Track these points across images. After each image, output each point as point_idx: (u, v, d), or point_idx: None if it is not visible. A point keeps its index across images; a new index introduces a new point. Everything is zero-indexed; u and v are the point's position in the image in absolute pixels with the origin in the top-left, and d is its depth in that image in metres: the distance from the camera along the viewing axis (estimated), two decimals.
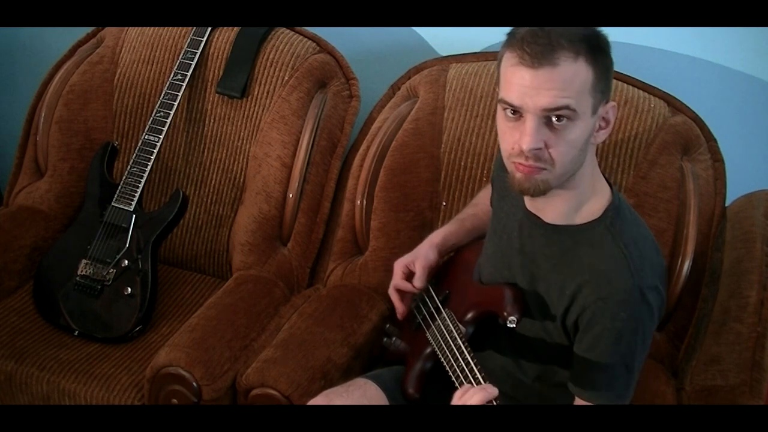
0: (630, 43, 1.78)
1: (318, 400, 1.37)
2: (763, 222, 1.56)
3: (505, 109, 1.15)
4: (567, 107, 1.11)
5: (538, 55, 1.09)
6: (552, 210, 1.24)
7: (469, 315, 1.35)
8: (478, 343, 1.34)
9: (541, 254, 1.27)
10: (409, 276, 1.46)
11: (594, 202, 1.23)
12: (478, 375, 1.22)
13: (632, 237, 1.22)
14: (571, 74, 1.10)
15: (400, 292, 1.47)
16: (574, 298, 1.22)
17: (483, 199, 1.54)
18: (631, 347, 1.20)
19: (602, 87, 1.14)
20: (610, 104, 1.18)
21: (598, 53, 1.13)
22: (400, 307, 1.47)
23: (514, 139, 1.14)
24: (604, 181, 1.25)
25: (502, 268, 1.34)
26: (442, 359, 1.32)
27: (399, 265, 1.47)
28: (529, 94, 1.11)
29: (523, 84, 1.11)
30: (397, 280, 1.46)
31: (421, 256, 1.46)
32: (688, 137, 1.65)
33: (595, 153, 1.23)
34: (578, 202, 1.23)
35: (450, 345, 1.31)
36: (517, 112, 1.13)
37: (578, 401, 1.25)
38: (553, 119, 1.12)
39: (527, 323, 1.30)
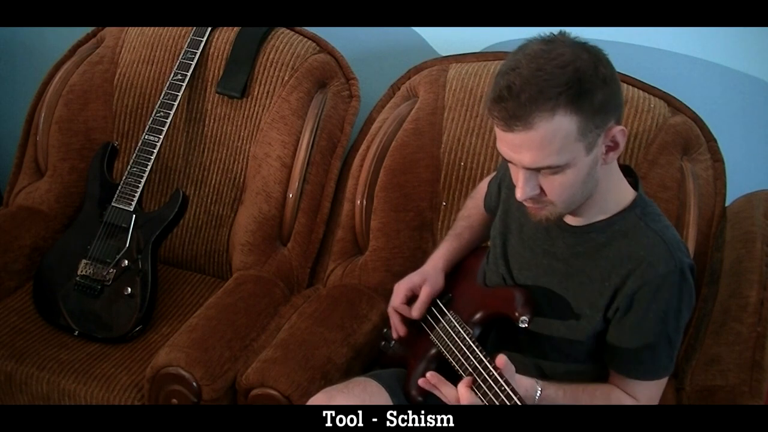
0: (630, 43, 1.78)
1: (318, 397, 1.36)
2: (763, 222, 1.56)
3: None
4: (549, 166, 1.11)
5: (509, 120, 1.08)
6: (574, 217, 1.25)
7: (477, 316, 1.35)
8: (492, 348, 1.33)
9: (574, 253, 1.27)
10: (410, 299, 1.44)
11: (619, 199, 1.24)
12: (494, 372, 1.21)
13: (663, 222, 1.24)
14: (549, 133, 1.08)
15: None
16: (619, 289, 1.22)
17: (473, 209, 1.54)
18: (673, 324, 1.22)
19: (597, 122, 1.10)
20: (617, 128, 1.14)
21: (583, 97, 1.07)
22: (400, 328, 1.45)
23: (515, 177, 1.17)
24: (625, 181, 1.25)
25: (524, 269, 1.34)
26: (451, 360, 1.31)
27: (402, 287, 1.45)
28: (514, 151, 1.12)
29: (506, 142, 1.12)
30: (397, 302, 1.44)
31: (430, 282, 1.44)
32: (688, 137, 1.65)
33: (613, 166, 1.21)
34: (600, 207, 1.23)
35: (459, 345, 1.31)
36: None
37: (616, 378, 1.27)
38: (541, 171, 1.13)
39: (554, 324, 1.29)
